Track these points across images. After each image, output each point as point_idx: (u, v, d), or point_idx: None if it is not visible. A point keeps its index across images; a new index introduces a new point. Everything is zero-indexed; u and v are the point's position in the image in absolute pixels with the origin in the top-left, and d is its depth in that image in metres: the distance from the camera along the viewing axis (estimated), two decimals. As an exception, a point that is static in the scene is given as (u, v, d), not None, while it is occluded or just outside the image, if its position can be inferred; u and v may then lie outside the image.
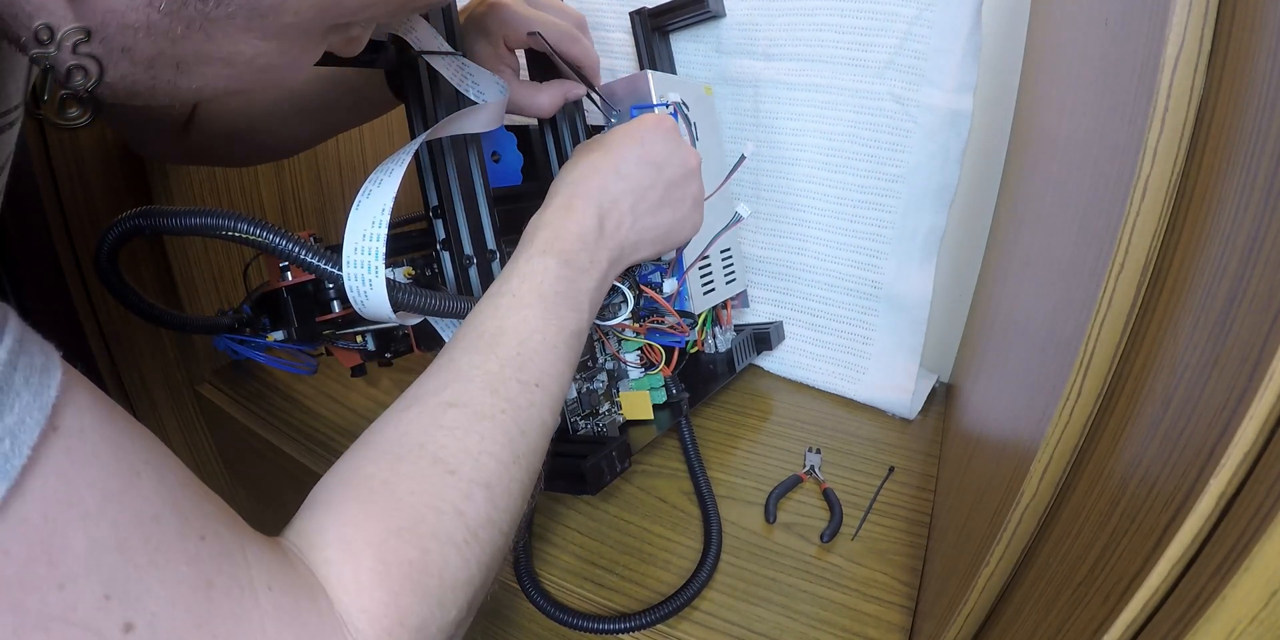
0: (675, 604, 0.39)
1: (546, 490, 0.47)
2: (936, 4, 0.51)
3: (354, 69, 0.47)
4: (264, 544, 0.23)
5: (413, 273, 0.44)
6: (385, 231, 0.32)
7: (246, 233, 0.32)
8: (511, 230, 0.45)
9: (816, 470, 0.51)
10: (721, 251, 0.57)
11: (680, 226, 0.44)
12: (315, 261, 0.33)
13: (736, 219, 0.50)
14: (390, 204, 0.33)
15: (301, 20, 0.25)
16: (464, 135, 0.42)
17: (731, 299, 0.59)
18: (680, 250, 0.49)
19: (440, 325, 0.40)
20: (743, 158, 0.51)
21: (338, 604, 0.23)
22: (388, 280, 0.33)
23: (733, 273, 0.58)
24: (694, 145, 0.51)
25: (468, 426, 0.29)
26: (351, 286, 0.33)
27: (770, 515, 0.46)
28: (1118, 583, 0.19)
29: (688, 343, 0.52)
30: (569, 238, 0.37)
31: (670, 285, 0.50)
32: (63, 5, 0.22)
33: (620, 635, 0.39)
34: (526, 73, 0.51)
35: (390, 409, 0.30)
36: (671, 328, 0.50)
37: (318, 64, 0.42)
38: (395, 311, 0.34)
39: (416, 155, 0.42)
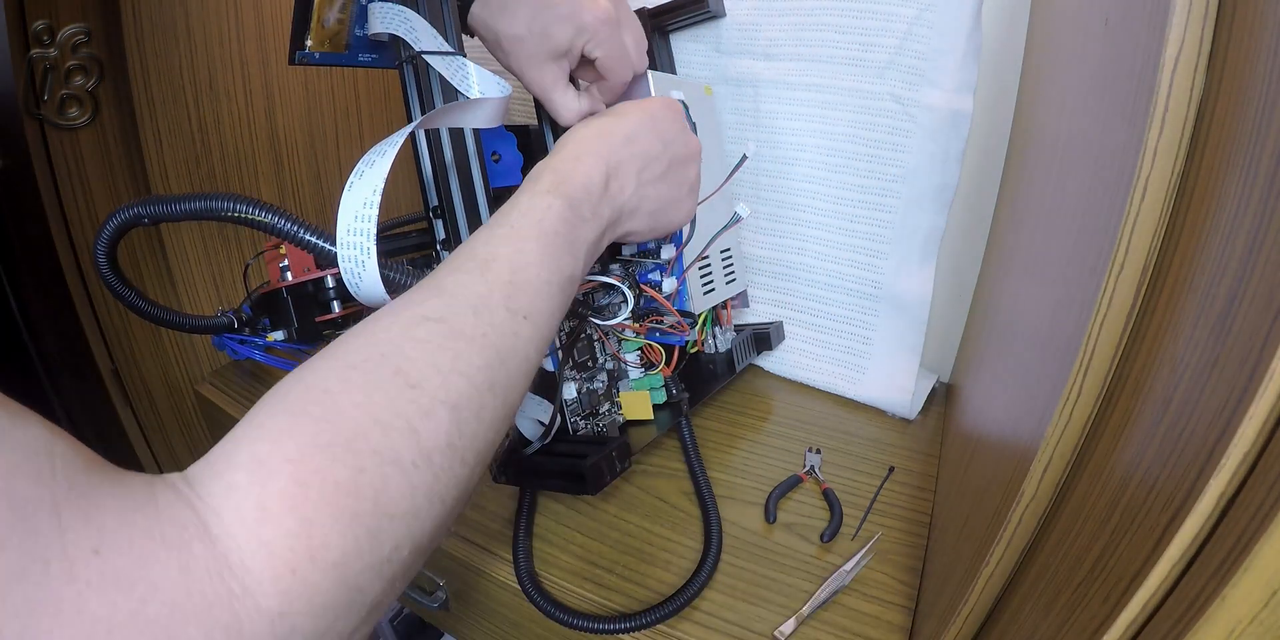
0: (675, 604, 0.39)
1: (546, 490, 0.47)
2: (936, 4, 0.51)
3: None
4: (103, 493, 0.18)
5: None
6: (377, 213, 0.32)
7: (246, 213, 0.32)
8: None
9: (816, 470, 0.51)
10: (721, 251, 0.57)
11: (675, 207, 0.43)
12: (313, 239, 0.33)
13: (736, 219, 0.50)
14: (381, 185, 0.33)
15: None
16: (463, 135, 0.42)
17: (731, 299, 0.59)
18: (680, 249, 0.49)
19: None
20: (744, 158, 0.51)
21: (227, 539, 0.19)
22: (381, 260, 0.33)
23: (733, 273, 0.58)
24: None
25: (442, 342, 0.26)
26: (346, 267, 0.33)
27: (770, 515, 0.46)
28: (1118, 583, 0.19)
29: (688, 342, 0.52)
30: (575, 184, 0.35)
31: (670, 284, 0.50)
32: None
33: (620, 635, 0.39)
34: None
35: (360, 322, 0.27)
36: (671, 327, 0.50)
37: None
38: (389, 292, 0.34)
39: (416, 156, 0.42)
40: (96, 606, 0.16)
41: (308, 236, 0.33)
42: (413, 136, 0.41)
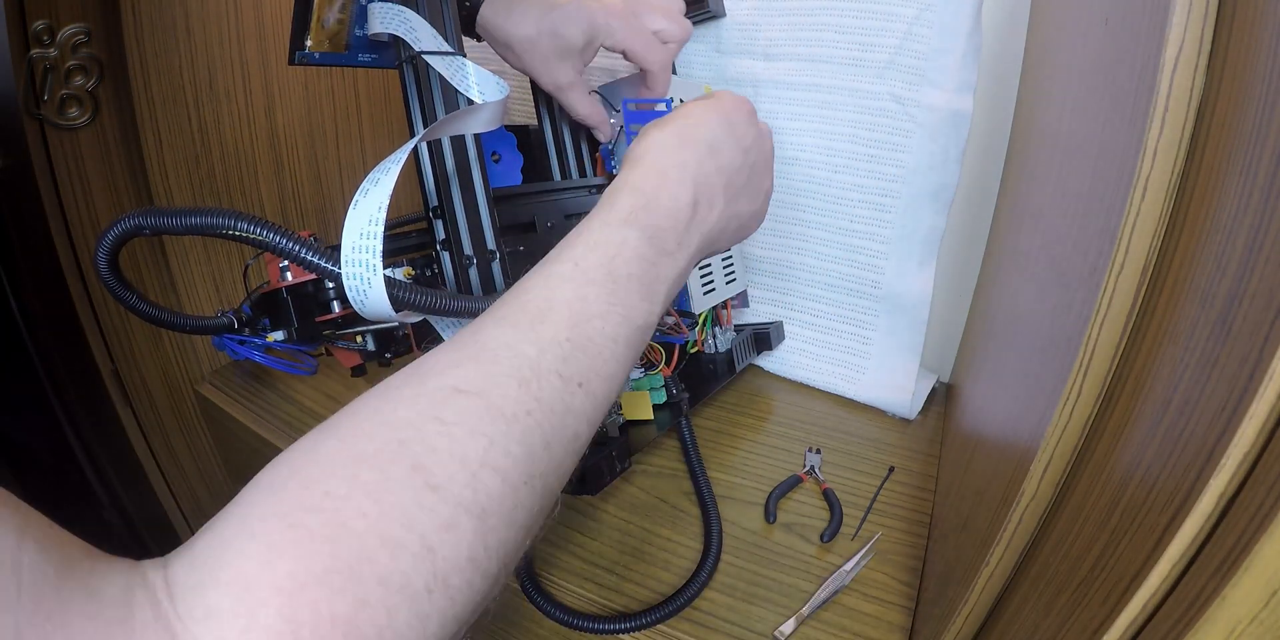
0: (675, 604, 0.39)
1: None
2: (936, 4, 0.51)
3: None
4: (74, 615, 0.16)
5: (413, 273, 0.44)
6: (382, 230, 0.32)
7: (247, 231, 0.32)
8: (511, 230, 0.45)
9: (816, 470, 0.51)
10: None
11: (753, 219, 0.38)
12: (315, 260, 0.33)
13: None
14: (386, 203, 0.33)
15: None
16: (463, 135, 0.42)
17: (731, 299, 0.59)
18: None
19: (441, 325, 0.40)
20: None
21: None
22: (386, 278, 0.33)
23: (733, 273, 0.58)
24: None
25: (475, 425, 0.22)
26: (350, 285, 0.33)
27: (770, 515, 0.46)
28: (1118, 583, 0.19)
29: (687, 342, 0.52)
30: (661, 211, 0.30)
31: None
32: None
33: (620, 635, 0.39)
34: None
35: (381, 384, 0.23)
36: (671, 328, 0.50)
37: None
38: (395, 310, 0.34)
39: (416, 155, 0.42)
40: None
41: (309, 256, 0.33)
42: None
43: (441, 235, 0.42)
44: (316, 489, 0.20)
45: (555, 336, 0.25)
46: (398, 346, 0.47)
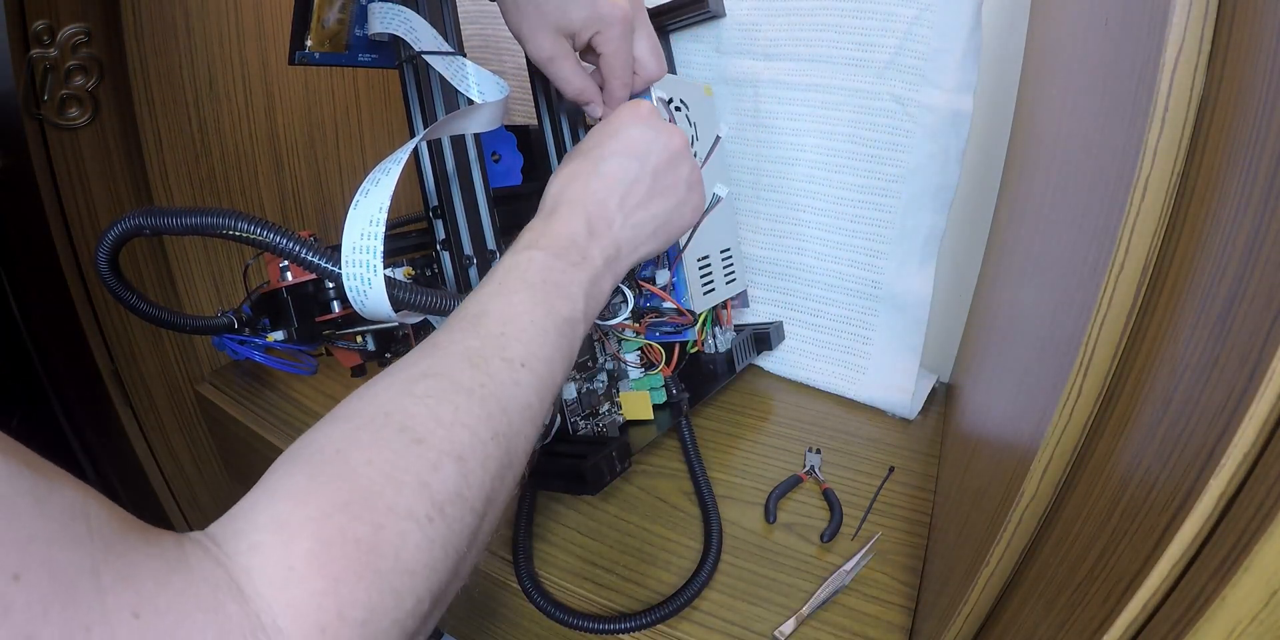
0: (675, 604, 0.39)
1: (546, 490, 0.47)
2: (936, 4, 0.51)
3: None
4: (140, 554, 0.18)
5: (413, 273, 0.44)
6: (383, 230, 0.32)
7: (247, 232, 0.32)
8: (511, 230, 0.45)
9: (816, 470, 0.51)
10: (721, 251, 0.57)
11: (678, 213, 0.42)
12: (316, 260, 0.33)
13: (715, 200, 0.49)
14: (388, 203, 0.33)
15: None
16: (464, 136, 0.42)
17: (731, 299, 0.59)
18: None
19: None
20: (719, 138, 0.51)
21: (258, 599, 0.19)
22: (387, 278, 0.33)
23: (733, 273, 0.58)
24: (692, 144, 0.51)
25: (441, 396, 0.27)
26: (351, 285, 0.33)
27: (770, 515, 0.46)
28: (1118, 583, 0.19)
29: (689, 342, 0.52)
30: (554, 236, 0.36)
31: (663, 276, 0.50)
32: None
33: (620, 635, 0.39)
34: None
35: (363, 385, 0.28)
36: (672, 319, 0.50)
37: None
38: (395, 310, 0.34)
39: (416, 155, 0.42)
40: None
41: (309, 256, 0.33)
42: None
43: (441, 235, 0.42)
44: (327, 449, 0.24)
45: (491, 331, 0.30)
46: (398, 346, 0.47)
